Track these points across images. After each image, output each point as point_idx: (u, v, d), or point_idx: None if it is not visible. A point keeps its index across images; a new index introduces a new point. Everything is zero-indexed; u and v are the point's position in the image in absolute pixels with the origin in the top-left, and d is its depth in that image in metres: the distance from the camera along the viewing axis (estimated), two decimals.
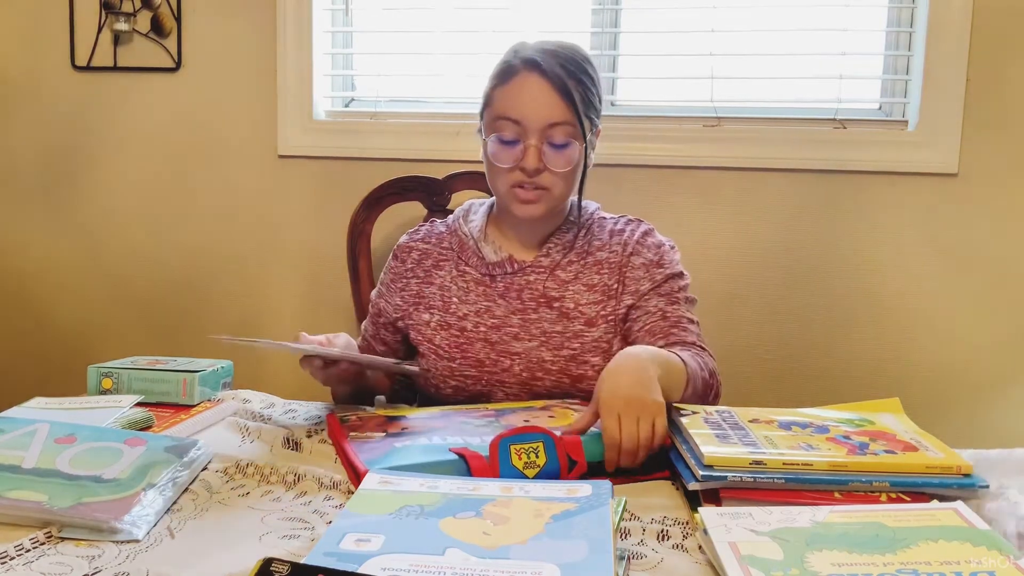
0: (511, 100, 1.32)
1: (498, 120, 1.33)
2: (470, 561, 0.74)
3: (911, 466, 0.91)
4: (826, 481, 0.90)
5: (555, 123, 1.30)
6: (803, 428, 1.02)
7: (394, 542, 0.78)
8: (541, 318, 1.36)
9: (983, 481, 0.91)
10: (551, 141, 1.31)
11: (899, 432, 1.01)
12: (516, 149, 1.31)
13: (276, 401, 1.33)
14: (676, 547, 0.86)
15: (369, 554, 0.75)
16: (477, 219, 1.45)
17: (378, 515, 0.84)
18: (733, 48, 1.92)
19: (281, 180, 2.11)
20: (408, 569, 0.73)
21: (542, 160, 1.31)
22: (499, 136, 1.32)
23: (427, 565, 0.74)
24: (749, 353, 1.92)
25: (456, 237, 1.44)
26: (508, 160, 1.32)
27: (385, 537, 0.79)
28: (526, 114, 1.30)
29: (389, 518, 0.83)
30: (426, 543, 0.78)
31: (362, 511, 0.85)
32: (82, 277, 2.23)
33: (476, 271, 1.40)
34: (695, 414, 1.08)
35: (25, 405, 1.17)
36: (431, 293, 1.42)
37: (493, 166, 1.34)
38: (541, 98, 1.30)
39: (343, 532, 0.80)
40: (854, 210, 1.87)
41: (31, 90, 2.19)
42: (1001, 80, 1.80)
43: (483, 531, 0.81)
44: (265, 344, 1.22)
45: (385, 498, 0.88)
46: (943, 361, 1.87)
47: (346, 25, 2.11)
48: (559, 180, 1.33)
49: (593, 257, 1.39)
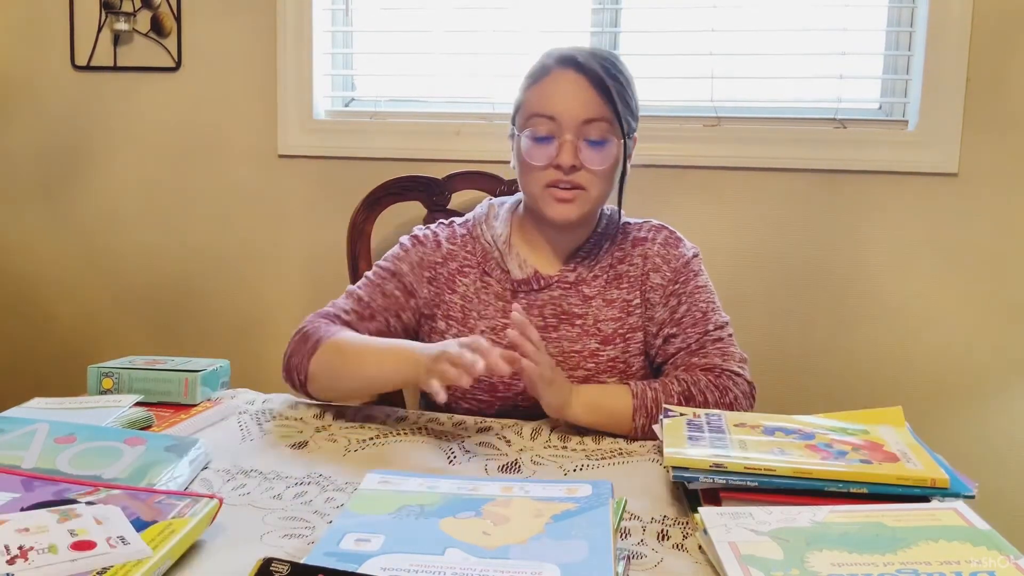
0: (545, 96, 1.27)
1: (532, 117, 1.28)
2: (470, 561, 0.74)
3: (882, 476, 0.89)
4: (792, 486, 0.89)
5: (592, 119, 1.26)
6: (787, 434, 1.01)
7: (394, 542, 0.78)
8: (561, 336, 1.32)
9: (968, 490, 0.89)
10: (587, 138, 1.26)
11: (889, 443, 0.99)
12: (551, 146, 1.26)
13: (276, 399, 1.33)
14: (676, 547, 0.86)
15: (369, 554, 0.76)
16: (500, 226, 1.37)
17: (378, 515, 0.84)
18: (733, 48, 1.92)
19: (281, 180, 2.11)
20: (408, 569, 0.73)
21: (578, 157, 1.26)
22: (533, 132, 1.27)
23: (427, 565, 0.73)
24: (749, 353, 1.91)
25: (479, 245, 1.37)
26: (542, 158, 1.27)
27: (385, 537, 0.79)
28: (561, 110, 1.25)
29: (389, 518, 0.83)
30: (426, 543, 0.78)
31: (362, 511, 0.85)
32: (82, 277, 2.23)
33: (499, 284, 1.34)
34: (681, 416, 1.08)
35: (25, 405, 1.17)
36: (452, 301, 1.35)
37: (526, 165, 1.29)
38: (577, 94, 1.26)
39: (343, 532, 0.80)
40: (854, 210, 1.87)
41: (31, 90, 2.19)
42: (1001, 80, 1.80)
43: (483, 531, 0.81)
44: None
45: (385, 498, 0.88)
46: (943, 360, 1.87)
47: (346, 25, 2.11)
48: (596, 180, 1.27)
49: (615, 270, 1.34)
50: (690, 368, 1.29)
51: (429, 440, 1.17)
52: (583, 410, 1.20)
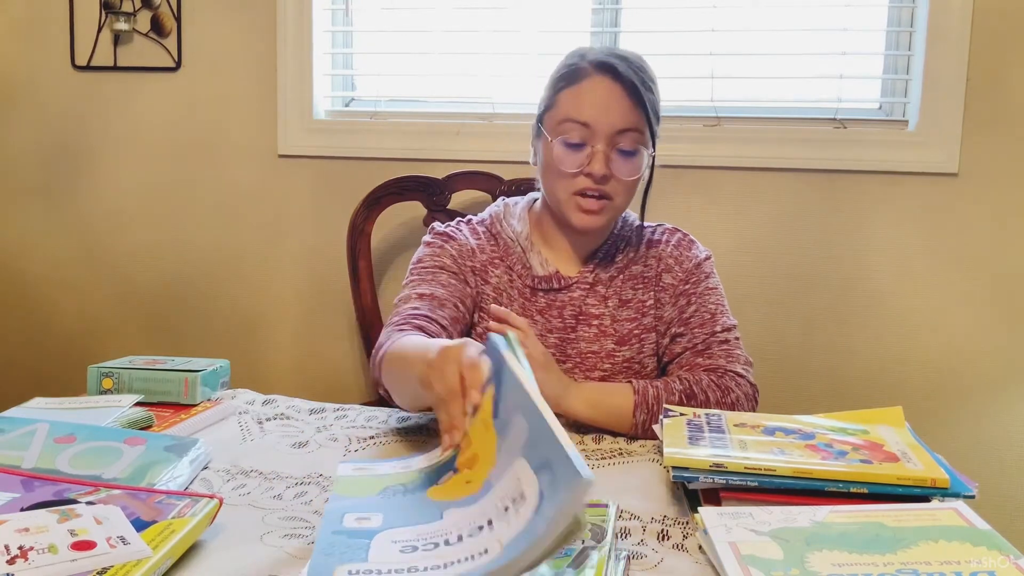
0: (580, 102, 1.26)
1: (565, 122, 1.26)
2: (469, 511, 0.74)
3: (882, 476, 0.89)
4: (792, 486, 0.89)
5: (625, 129, 1.25)
6: (788, 434, 1.01)
7: (392, 518, 0.78)
8: (579, 337, 1.32)
9: (968, 490, 0.89)
10: (619, 148, 1.26)
11: (889, 443, 0.99)
12: (582, 154, 1.26)
13: (276, 400, 1.33)
14: (676, 547, 0.86)
15: (375, 530, 0.76)
16: (519, 223, 1.37)
17: (366, 496, 0.84)
18: (733, 48, 1.92)
19: (281, 180, 2.11)
20: (418, 539, 0.73)
21: (609, 167, 1.25)
22: (565, 139, 1.26)
23: (433, 532, 0.74)
24: (750, 352, 1.92)
25: (501, 240, 1.37)
26: (573, 165, 1.26)
27: (383, 515, 0.79)
28: (596, 117, 1.25)
29: (378, 498, 0.83)
30: (422, 514, 0.78)
31: (349, 494, 0.85)
32: (82, 277, 2.23)
33: (520, 280, 1.34)
34: (681, 416, 1.08)
35: (25, 405, 1.17)
36: (486, 292, 1.34)
37: (555, 170, 1.28)
38: (613, 103, 1.25)
39: (341, 512, 0.80)
40: (854, 210, 1.87)
41: (31, 90, 2.19)
42: (1001, 80, 1.80)
43: (465, 481, 0.81)
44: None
45: (365, 482, 0.88)
46: (943, 360, 1.87)
47: (346, 25, 2.11)
48: (623, 190, 1.28)
49: (630, 271, 1.35)
50: (694, 368, 1.29)
51: (429, 440, 1.17)
52: (583, 405, 1.20)
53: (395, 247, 2.03)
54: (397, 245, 2.03)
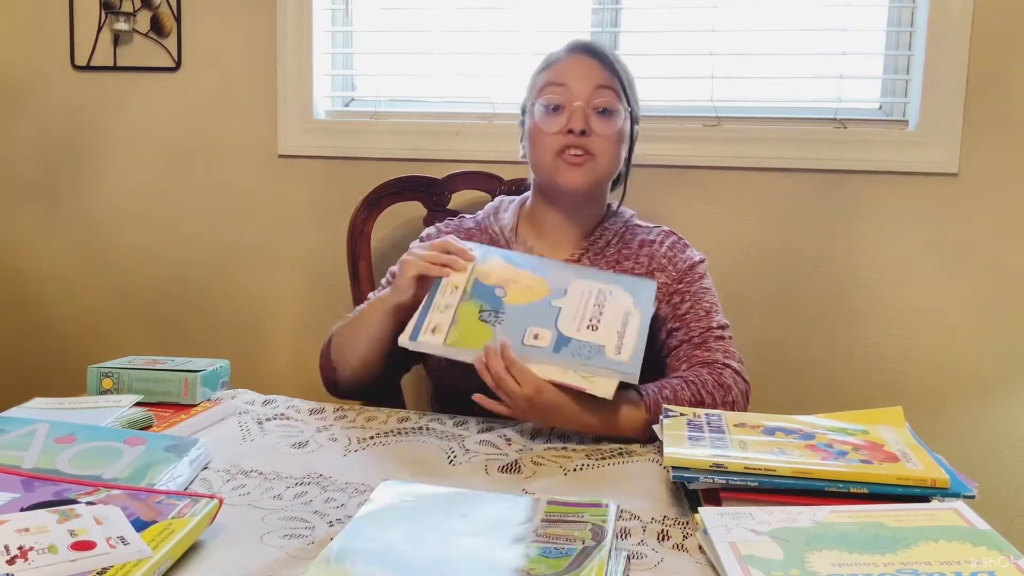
0: (557, 72, 1.36)
1: (544, 87, 1.36)
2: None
3: (882, 476, 0.90)
4: (792, 486, 0.89)
5: (601, 85, 1.33)
6: (788, 434, 1.01)
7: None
8: None
9: (968, 490, 0.89)
10: (596, 108, 1.33)
11: (889, 443, 0.99)
12: (562, 116, 1.33)
13: (276, 400, 1.33)
14: (676, 547, 0.86)
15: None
16: (507, 217, 1.43)
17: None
18: (733, 48, 1.92)
19: (281, 180, 2.11)
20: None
21: (588, 123, 1.32)
22: (545, 102, 1.34)
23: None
24: (749, 353, 1.90)
25: (486, 234, 1.42)
26: (555, 126, 1.33)
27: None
28: (571, 78, 1.34)
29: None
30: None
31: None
32: (82, 277, 2.23)
33: None
34: (681, 416, 1.08)
35: (25, 405, 1.17)
36: None
37: (539, 136, 1.35)
38: (589, 69, 1.35)
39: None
40: (854, 210, 1.87)
41: (31, 90, 2.19)
42: (1001, 80, 1.80)
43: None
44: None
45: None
46: (943, 360, 1.87)
47: (346, 25, 2.11)
48: (606, 148, 1.33)
49: (621, 267, 1.37)
50: (692, 359, 1.30)
51: (429, 440, 1.17)
52: (599, 424, 1.18)
53: (395, 247, 2.03)
54: (397, 245, 2.03)
